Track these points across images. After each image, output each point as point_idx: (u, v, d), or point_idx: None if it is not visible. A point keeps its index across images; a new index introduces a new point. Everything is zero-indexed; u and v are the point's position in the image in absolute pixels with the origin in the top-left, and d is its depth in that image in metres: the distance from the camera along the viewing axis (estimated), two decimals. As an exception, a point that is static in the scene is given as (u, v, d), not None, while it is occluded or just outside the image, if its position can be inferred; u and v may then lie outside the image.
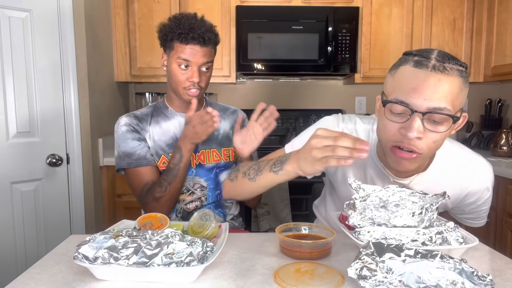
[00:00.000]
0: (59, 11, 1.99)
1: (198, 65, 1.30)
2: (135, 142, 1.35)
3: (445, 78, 0.81)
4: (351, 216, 0.93)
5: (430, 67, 0.82)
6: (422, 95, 0.81)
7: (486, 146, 2.68)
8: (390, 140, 0.87)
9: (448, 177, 1.00)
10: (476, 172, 1.01)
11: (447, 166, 1.00)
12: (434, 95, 0.81)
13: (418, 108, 0.81)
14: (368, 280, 0.69)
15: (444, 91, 0.81)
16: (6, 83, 1.83)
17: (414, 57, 0.85)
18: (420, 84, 0.81)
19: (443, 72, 0.81)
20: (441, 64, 0.82)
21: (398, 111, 0.84)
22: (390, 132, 0.86)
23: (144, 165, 1.34)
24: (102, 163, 2.29)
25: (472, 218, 1.11)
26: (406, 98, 0.82)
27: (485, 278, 0.67)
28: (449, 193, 0.94)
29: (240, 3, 2.50)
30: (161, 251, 0.77)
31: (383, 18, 2.55)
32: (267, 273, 0.84)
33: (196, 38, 1.26)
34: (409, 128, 0.82)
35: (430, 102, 0.81)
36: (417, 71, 0.82)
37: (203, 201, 1.40)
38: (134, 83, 2.84)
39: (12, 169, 1.87)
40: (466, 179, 1.00)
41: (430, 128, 0.83)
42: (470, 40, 2.59)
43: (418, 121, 0.81)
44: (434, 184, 1.00)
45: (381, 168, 1.02)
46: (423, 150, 0.85)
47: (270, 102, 1.20)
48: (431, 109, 0.81)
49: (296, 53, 2.49)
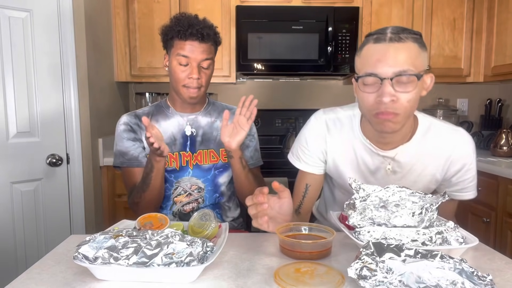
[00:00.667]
0: (59, 11, 1.99)
1: (198, 61, 1.30)
2: (130, 142, 1.38)
3: (402, 46, 0.94)
4: (351, 216, 0.93)
5: (387, 40, 0.95)
6: (386, 64, 0.93)
7: (486, 146, 2.68)
8: (371, 110, 0.98)
9: (431, 146, 1.08)
10: (457, 139, 1.09)
11: (429, 136, 1.08)
12: (396, 61, 0.93)
13: (386, 75, 0.93)
14: (368, 280, 0.69)
15: (403, 56, 0.93)
16: (6, 83, 1.83)
17: (373, 36, 0.98)
18: (382, 55, 0.94)
19: (399, 41, 0.94)
20: (396, 35, 0.95)
21: (370, 82, 0.96)
22: (369, 102, 0.97)
23: (135, 166, 1.36)
24: (102, 163, 2.29)
25: (460, 189, 1.14)
26: (374, 70, 0.95)
27: (485, 278, 0.67)
28: (434, 163, 1.08)
29: (240, 3, 2.50)
30: (161, 251, 0.77)
31: (383, 18, 2.55)
32: (267, 273, 0.84)
33: (194, 34, 1.27)
34: (382, 94, 0.94)
35: (394, 67, 0.93)
36: (378, 46, 0.96)
37: (200, 203, 1.39)
38: (134, 83, 2.84)
39: (12, 169, 1.87)
40: (448, 147, 1.08)
41: (400, 90, 0.94)
42: (470, 40, 2.59)
43: (388, 86, 0.93)
44: (419, 154, 1.08)
45: (368, 145, 1.11)
46: (400, 110, 0.95)
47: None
48: (396, 73, 0.93)
49: (296, 53, 2.49)
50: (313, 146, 1.17)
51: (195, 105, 1.41)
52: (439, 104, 2.81)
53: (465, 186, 1.13)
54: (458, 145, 1.09)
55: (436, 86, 3.27)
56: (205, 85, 1.35)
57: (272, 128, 2.81)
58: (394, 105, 0.94)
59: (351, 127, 1.13)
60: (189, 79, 1.30)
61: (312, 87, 2.95)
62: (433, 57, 2.59)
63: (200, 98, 1.37)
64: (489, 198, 2.05)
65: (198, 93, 1.33)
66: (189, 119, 1.41)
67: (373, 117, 0.99)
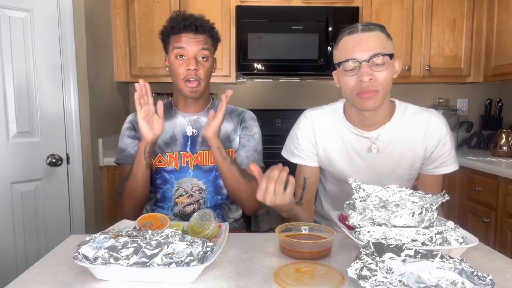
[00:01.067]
0: (59, 11, 1.99)
1: (194, 52, 1.29)
2: (129, 140, 1.41)
3: (373, 34, 1.11)
4: (351, 216, 0.93)
5: (360, 30, 1.12)
6: (362, 49, 1.10)
7: (486, 146, 2.68)
8: (353, 91, 1.12)
9: (409, 125, 1.23)
10: (430, 116, 1.24)
11: (407, 116, 1.23)
12: (369, 45, 1.09)
13: (363, 58, 1.09)
14: (368, 280, 0.69)
15: (375, 41, 1.10)
16: (6, 83, 1.83)
17: (346, 31, 1.15)
18: (358, 43, 1.11)
19: (370, 30, 1.12)
20: (366, 27, 1.13)
21: (350, 67, 1.12)
22: (351, 84, 1.12)
23: (128, 163, 1.37)
24: (102, 163, 2.29)
25: (442, 163, 1.25)
26: (352, 55, 1.10)
27: (485, 278, 0.67)
28: (414, 140, 1.22)
29: (240, 3, 2.50)
30: (161, 251, 0.77)
31: (383, 18, 2.55)
32: (267, 273, 0.84)
33: (188, 26, 1.28)
34: (362, 74, 1.09)
35: (369, 51, 1.09)
36: (352, 36, 1.13)
37: (202, 204, 1.39)
38: (134, 83, 2.83)
39: (12, 169, 1.87)
40: (423, 124, 1.23)
41: (376, 69, 1.09)
42: (470, 40, 2.59)
43: (366, 67, 1.09)
44: (399, 132, 1.22)
45: (353, 129, 1.24)
46: (378, 86, 1.10)
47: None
48: (371, 55, 1.09)
49: (296, 53, 2.49)
50: (303, 140, 1.30)
51: (197, 104, 1.41)
52: (439, 104, 2.81)
53: (445, 159, 1.25)
54: (432, 121, 1.23)
55: (436, 86, 3.29)
56: (204, 78, 1.32)
57: (272, 128, 2.81)
58: (373, 83, 1.09)
59: (336, 117, 1.28)
60: (187, 71, 1.29)
61: (312, 87, 2.95)
62: (433, 57, 2.59)
63: (201, 93, 1.34)
64: (489, 198, 2.05)
65: (198, 87, 1.31)
66: (191, 119, 1.41)
67: (356, 97, 1.13)
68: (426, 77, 2.61)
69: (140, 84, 1.21)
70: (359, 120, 1.22)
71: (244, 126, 1.44)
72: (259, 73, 2.54)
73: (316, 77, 2.84)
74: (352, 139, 1.24)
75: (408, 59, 2.58)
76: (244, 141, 1.43)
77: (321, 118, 1.30)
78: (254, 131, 1.45)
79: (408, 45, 2.58)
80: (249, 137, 1.43)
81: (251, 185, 1.32)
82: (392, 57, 1.12)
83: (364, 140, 1.23)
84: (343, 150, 1.25)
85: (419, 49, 2.59)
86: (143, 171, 1.26)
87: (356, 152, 1.24)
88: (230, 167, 1.28)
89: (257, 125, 1.46)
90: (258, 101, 2.94)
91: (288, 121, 2.83)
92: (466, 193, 2.28)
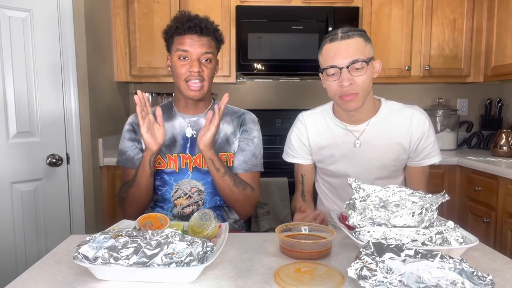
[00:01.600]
0: (59, 11, 1.99)
1: (198, 55, 1.28)
2: (129, 142, 1.41)
3: (351, 41, 1.20)
4: (351, 216, 0.93)
5: (339, 38, 1.21)
6: (341, 56, 1.19)
7: (486, 146, 2.68)
8: (336, 94, 1.24)
9: (394, 119, 1.32)
10: (414, 112, 1.33)
11: (392, 112, 1.33)
12: (348, 53, 1.19)
13: (342, 65, 1.19)
14: (368, 280, 0.69)
15: (353, 48, 1.19)
16: (6, 83, 1.83)
17: (328, 38, 1.24)
18: (337, 50, 1.20)
19: (348, 38, 1.20)
20: (345, 34, 1.21)
21: (331, 72, 1.22)
22: (333, 88, 1.24)
23: (128, 166, 1.39)
24: (102, 163, 2.29)
25: (427, 155, 1.35)
26: (333, 62, 1.21)
27: (485, 278, 0.67)
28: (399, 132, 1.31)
29: (240, 3, 2.50)
30: (161, 251, 0.77)
31: (383, 18, 2.55)
32: (267, 273, 0.84)
33: (192, 27, 1.27)
34: (342, 80, 1.20)
35: (348, 58, 1.19)
36: (332, 44, 1.22)
37: (200, 205, 1.38)
38: (134, 83, 2.84)
39: (12, 169, 1.87)
40: (407, 118, 1.32)
41: (355, 74, 1.19)
42: (470, 40, 2.59)
43: (346, 73, 1.19)
44: (385, 126, 1.32)
45: (341, 124, 1.36)
46: (358, 89, 1.21)
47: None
48: (350, 62, 1.19)
49: (296, 53, 2.49)
50: (296, 141, 1.43)
51: (198, 106, 1.40)
52: (439, 104, 2.81)
53: (429, 151, 1.34)
54: (415, 115, 1.33)
55: (436, 86, 3.29)
56: (207, 79, 1.31)
57: (272, 128, 2.81)
58: (353, 87, 1.20)
59: (326, 115, 1.40)
60: (190, 72, 1.28)
61: (312, 87, 2.95)
62: (433, 57, 2.59)
63: (203, 95, 1.33)
64: (489, 198, 2.05)
65: (201, 89, 1.30)
66: (191, 121, 1.40)
67: (338, 99, 1.25)
68: (426, 77, 2.61)
69: (139, 96, 1.21)
70: (346, 116, 1.34)
71: (244, 129, 1.41)
72: (259, 73, 2.54)
73: (316, 77, 2.83)
74: (341, 133, 1.35)
75: (408, 59, 2.58)
76: (243, 145, 1.40)
77: (313, 117, 1.42)
78: (253, 134, 1.42)
79: (408, 45, 2.57)
80: (248, 140, 1.41)
81: (245, 193, 1.33)
82: (371, 60, 1.22)
83: (353, 133, 1.34)
84: (334, 144, 1.36)
85: (419, 49, 2.59)
86: (148, 179, 1.28)
87: (346, 146, 1.35)
88: (223, 178, 1.28)
89: (258, 128, 1.44)
90: (258, 101, 2.94)
91: (288, 121, 2.82)
92: (466, 193, 2.27)
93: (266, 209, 2.17)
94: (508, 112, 2.83)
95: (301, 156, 1.44)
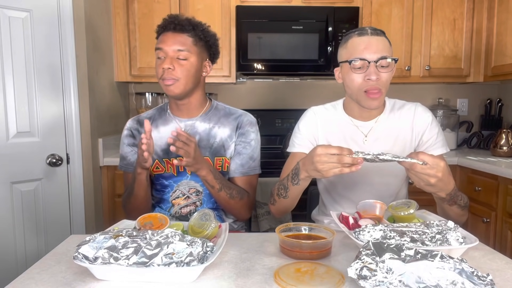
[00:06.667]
0: (59, 11, 1.99)
1: (171, 53, 1.27)
2: (129, 148, 1.42)
3: (380, 38, 1.23)
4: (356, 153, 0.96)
5: (369, 33, 1.22)
6: (372, 50, 1.20)
7: (486, 146, 2.68)
8: (360, 88, 1.23)
9: (398, 115, 1.35)
10: (416, 107, 1.36)
11: (396, 108, 1.36)
12: (378, 48, 1.20)
13: (372, 59, 1.19)
14: (368, 280, 0.69)
15: (383, 45, 1.22)
16: (6, 83, 1.83)
17: (355, 32, 1.25)
18: (368, 44, 1.20)
19: (378, 35, 1.23)
20: (375, 31, 1.24)
21: (359, 65, 1.21)
22: (358, 82, 1.22)
23: (130, 171, 1.40)
24: (102, 163, 2.29)
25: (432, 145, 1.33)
26: (362, 55, 1.20)
27: (485, 278, 0.67)
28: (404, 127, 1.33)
29: (240, 3, 2.50)
30: (161, 251, 0.77)
31: (383, 18, 2.55)
32: (267, 273, 0.84)
33: (167, 25, 1.29)
34: (370, 73, 1.20)
35: (378, 53, 1.20)
36: (362, 38, 1.22)
37: (198, 206, 1.38)
38: (134, 83, 2.84)
39: (12, 169, 1.87)
40: (410, 112, 1.35)
41: (382, 71, 1.21)
42: (470, 40, 2.59)
43: (373, 67, 1.20)
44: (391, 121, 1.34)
45: (350, 121, 1.35)
46: (382, 86, 1.22)
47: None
48: (379, 57, 1.19)
49: (296, 53, 2.49)
50: (305, 130, 1.38)
51: (189, 107, 1.38)
52: (439, 104, 2.81)
53: (434, 142, 1.33)
54: (417, 109, 1.35)
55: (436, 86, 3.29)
56: (182, 77, 1.27)
57: (272, 128, 2.81)
58: (378, 82, 1.20)
59: (336, 111, 1.39)
60: (163, 70, 1.27)
61: (312, 87, 2.95)
62: (433, 57, 2.59)
63: (182, 93, 1.30)
64: (489, 198, 2.05)
65: (176, 87, 1.28)
66: (187, 124, 1.38)
67: (363, 93, 1.23)
68: (426, 77, 2.61)
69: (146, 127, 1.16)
70: (358, 113, 1.33)
71: (241, 132, 1.38)
72: (259, 73, 2.53)
73: (316, 77, 2.84)
74: (350, 129, 1.35)
75: (408, 59, 2.58)
76: (240, 148, 1.38)
77: (323, 112, 1.40)
78: (250, 137, 1.39)
79: (408, 45, 2.57)
80: (245, 144, 1.38)
81: (242, 202, 1.34)
82: (397, 61, 1.24)
83: (362, 129, 1.35)
84: (342, 140, 1.35)
85: (419, 49, 2.59)
86: (145, 189, 1.30)
87: (354, 141, 1.34)
88: (218, 193, 1.29)
89: (255, 130, 1.41)
90: (258, 101, 2.94)
91: (288, 121, 2.83)
92: (466, 193, 2.24)
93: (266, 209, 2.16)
94: (508, 112, 2.83)
95: (306, 146, 1.35)
